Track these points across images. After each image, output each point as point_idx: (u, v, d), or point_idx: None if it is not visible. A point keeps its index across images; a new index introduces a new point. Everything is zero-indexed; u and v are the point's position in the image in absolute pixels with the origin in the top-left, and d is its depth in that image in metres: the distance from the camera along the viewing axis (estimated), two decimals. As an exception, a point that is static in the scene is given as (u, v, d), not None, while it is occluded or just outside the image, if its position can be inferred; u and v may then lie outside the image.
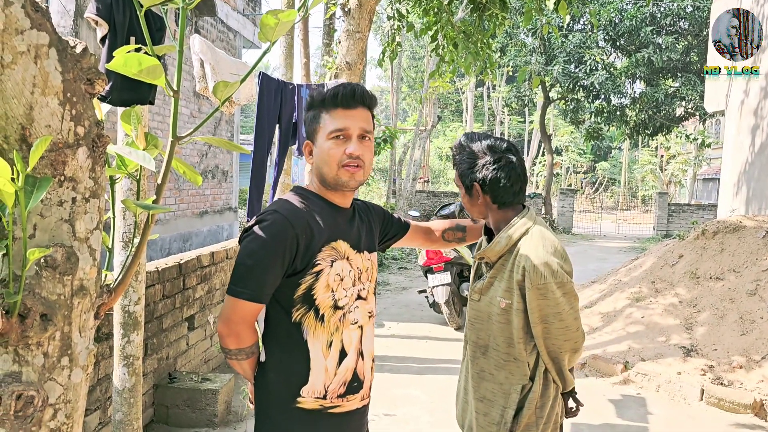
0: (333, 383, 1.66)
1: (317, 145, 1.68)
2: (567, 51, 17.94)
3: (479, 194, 1.97)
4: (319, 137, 1.67)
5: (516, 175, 1.95)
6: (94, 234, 1.11)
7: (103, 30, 2.28)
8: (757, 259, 5.90)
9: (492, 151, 1.95)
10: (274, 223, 1.59)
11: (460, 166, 2.00)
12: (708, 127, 27.86)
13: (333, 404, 1.66)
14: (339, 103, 1.64)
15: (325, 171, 1.67)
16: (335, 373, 1.66)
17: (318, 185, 1.73)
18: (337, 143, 1.63)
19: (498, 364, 1.95)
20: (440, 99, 23.31)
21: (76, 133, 1.05)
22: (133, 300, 2.88)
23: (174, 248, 8.58)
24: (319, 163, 1.67)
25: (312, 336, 1.63)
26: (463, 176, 1.99)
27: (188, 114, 8.92)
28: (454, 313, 6.54)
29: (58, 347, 1.04)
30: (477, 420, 2.01)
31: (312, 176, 1.76)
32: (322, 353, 1.64)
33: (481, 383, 2.01)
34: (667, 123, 18.88)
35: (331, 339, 1.65)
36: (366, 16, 4.80)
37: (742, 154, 8.21)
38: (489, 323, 1.98)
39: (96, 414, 3.23)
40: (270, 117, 3.95)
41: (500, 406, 1.94)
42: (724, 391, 4.56)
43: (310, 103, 1.72)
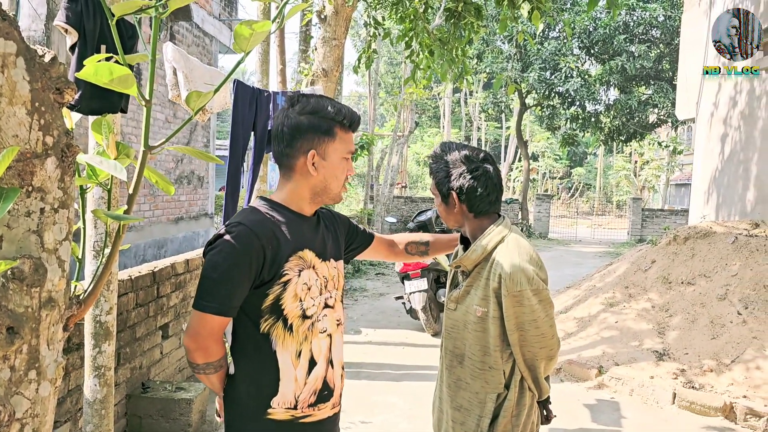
0: (303, 393, 1.65)
1: (329, 160, 1.68)
2: (543, 58, 18.17)
3: (456, 203, 1.99)
4: (333, 154, 1.68)
5: (492, 185, 1.97)
6: (63, 245, 1.10)
7: (73, 38, 2.25)
8: (727, 264, 6.02)
9: (469, 160, 1.98)
10: (239, 235, 1.57)
11: (437, 175, 2.02)
12: (680, 134, 28.40)
13: (304, 414, 1.65)
14: (352, 127, 1.72)
15: (332, 186, 1.71)
16: (305, 382, 1.65)
17: (299, 197, 1.71)
18: (346, 163, 1.72)
19: (474, 373, 1.96)
20: (418, 105, 23.42)
21: (44, 143, 1.04)
22: (105, 310, 2.84)
23: (149, 255, 8.48)
24: (328, 177, 1.69)
25: (281, 346, 1.63)
26: (440, 185, 2.01)
27: (163, 119, 8.84)
28: (431, 320, 6.55)
29: (26, 360, 1.03)
30: (453, 429, 2.01)
31: (290, 186, 1.71)
32: (291, 363, 1.63)
33: (457, 392, 2.01)
34: (640, 130, 19.20)
35: (300, 348, 1.64)
36: (342, 23, 4.81)
37: (712, 162, 8.37)
38: (465, 332, 1.99)
39: (66, 426, 3.17)
40: (245, 125, 3.93)
41: (476, 415, 1.95)
42: (696, 394, 4.64)
43: (319, 111, 1.66)
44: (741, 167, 7.60)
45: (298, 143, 1.65)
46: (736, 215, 7.57)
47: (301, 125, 1.65)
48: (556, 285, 9.22)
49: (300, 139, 1.65)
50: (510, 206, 20.43)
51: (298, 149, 1.66)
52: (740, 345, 5.04)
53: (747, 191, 7.40)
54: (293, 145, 1.66)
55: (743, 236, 6.34)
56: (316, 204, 1.74)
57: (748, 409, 4.41)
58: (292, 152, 1.67)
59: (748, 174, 7.44)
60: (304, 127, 1.65)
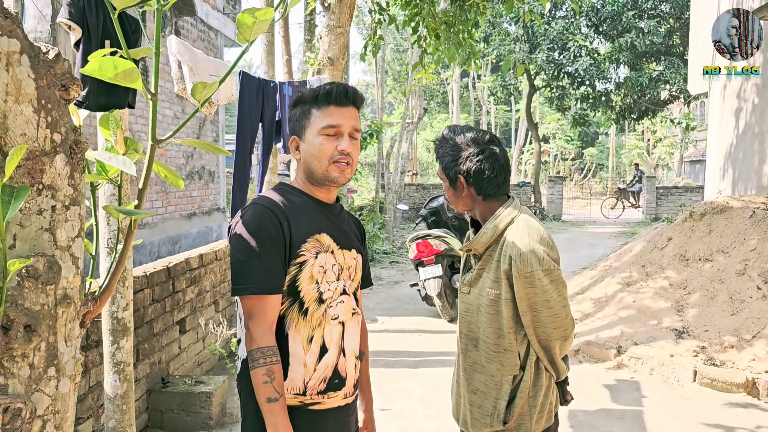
0: (312, 379, 1.64)
1: (306, 141, 1.68)
2: (550, 38, 17.96)
3: (464, 187, 1.98)
4: (309, 133, 1.67)
5: (499, 166, 1.96)
6: (76, 242, 1.10)
7: (77, 34, 2.25)
8: (745, 239, 5.95)
9: (475, 143, 1.97)
10: (255, 213, 1.61)
11: (443, 159, 2.01)
12: (693, 110, 28.04)
13: (313, 401, 1.64)
14: (332, 101, 1.66)
15: (314, 166, 1.67)
16: (314, 369, 1.64)
17: (303, 181, 1.74)
18: (328, 139, 1.65)
19: (489, 356, 1.95)
20: (426, 91, 23.34)
21: (52, 140, 1.04)
22: (121, 306, 2.86)
23: (163, 251, 8.54)
24: (308, 158, 1.68)
25: (293, 330, 1.63)
26: (447, 169, 2.00)
27: (172, 115, 8.86)
28: (446, 305, 6.55)
29: (44, 358, 1.03)
30: (471, 412, 2.01)
31: (298, 172, 1.75)
32: (302, 348, 1.63)
33: (473, 375, 2.01)
34: (652, 107, 18.97)
35: (312, 334, 1.64)
36: (346, 10, 4.78)
37: (727, 136, 8.26)
38: (479, 315, 1.98)
39: (89, 422, 3.21)
40: (252, 116, 3.92)
41: (493, 398, 1.94)
42: (717, 371, 4.61)
43: (299, 100, 1.71)
44: (756, 140, 7.49)
45: (292, 134, 1.75)
46: (753, 189, 7.48)
47: (291, 116, 1.75)
48: (572, 267, 9.17)
49: (292, 130, 1.75)
50: (522, 190, 20.32)
51: (291, 139, 1.75)
52: (761, 320, 4.99)
53: (764, 164, 7.30)
54: (291, 136, 1.76)
55: (761, 210, 6.26)
56: (320, 187, 1.72)
57: (771, 385, 4.38)
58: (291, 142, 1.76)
59: (764, 147, 7.33)
60: (292, 117, 1.74)
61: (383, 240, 12.11)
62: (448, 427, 3.97)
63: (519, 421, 1.92)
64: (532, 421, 1.91)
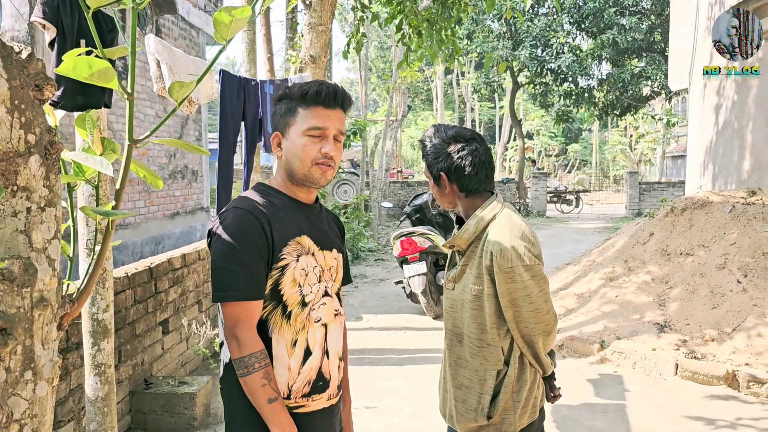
0: (297, 383, 1.63)
1: (289, 139, 1.65)
2: (533, 35, 18.05)
3: (446, 183, 2.00)
4: (293, 131, 1.64)
5: (480, 163, 1.97)
6: (53, 243, 1.09)
7: (51, 33, 2.22)
8: (725, 234, 6.02)
9: (456, 140, 1.99)
10: (237, 218, 1.58)
11: (427, 158, 2.04)
12: (674, 105, 28.32)
13: (298, 404, 1.64)
14: (321, 102, 1.63)
15: (296, 166, 1.64)
16: (299, 372, 1.63)
17: (283, 180, 1.71)
18: (312, 141, 1.62)
19: (473, 351, 1.97)
20: (410, 88, 23.30)
21: (26, 141, 1.02)
22: (102, 307, 2.83)
23: (146, 251, 8.47)
24: (290, 157, 1.65)
25: (277, 334, 1.61)
26: (431, 167, 2.03)
27: (153, 114, 8.78)
28: (431, 303, 6.57)
29: (21, 361, 1.02)
30: (456, 407, 2.02)
31: (278, 171, 1.73)
32: (286, 352, 1.62)
33: (458, 371, 2.02)
34: (634, 103, 19.15)
35: (296, 337, 1.63)
36: (328, 8, 4.77)
37: (707, 132, 8.36)
38: (463, 311, 2.00)
39: (70, 425, 3.17)
40: (234, 115, 3.90)
41: (477, 393, 1.96)
42: (698, 364, 4.67)
43: (286, 95, 1.68)
44: (735, 136, 7.59)
45: (274, 129, 1.72)
46: (733, 184, 7.57)
47: (275, 112, 1.71)
48: (556, 262, 9.23)
49: (276, 126, 1.71)
50: (507, 186, 20.41)
51: (274, 135, 1.72)
52: (741, 313, 5.06)
53: (742, 160, 7.40)
54: (273, 132, 1.72)
55: (740, 204, 6.34)
56: (301, 187, 1.70)
57: (751, 377, 4.44)
58: (273, 140, 1.73)
59: (743, 142, 7.43)
60: (276, 113, 1.71)
61: (368, 238, 12.11)
62: (434, 424, 3.99)
63: (503, 415, 1.93)
64: (516, 415, 1.93)
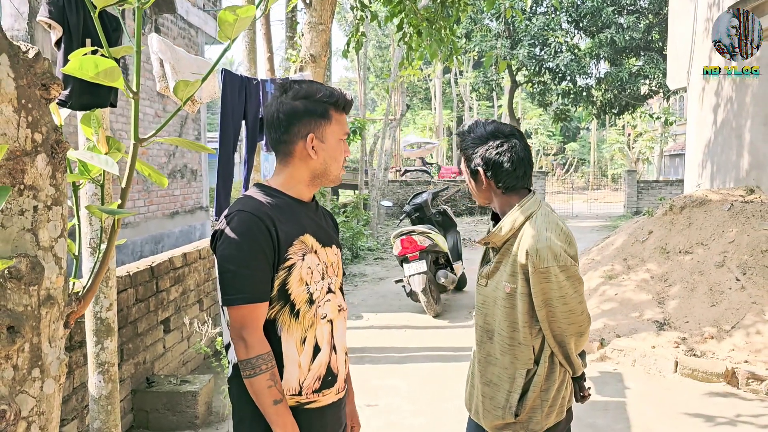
0: (308, 379, 1.66)
1: (327, 143, 1.69)
2: (531, 34, 18.05)
3: (484, 179, 1.97)
4: (330, 135, 1.69)
5: (519, 159, 1.95)
6: (59, 242, 1.09)
7: (57, 33, 2.22)
8: (724, 232, 6.04)
9: (495, 136, 1.96)
10: (242, 221, 1.59)
11: (465, 152, 2.02)
12: (672, 104, 28.36)
13: (309, 400, 1.66)
14: (345, 109, 1.73)
15: (332, 168, 1.71)
16: (309, 368, 1.66)
17: (296, 180, 1.71)
18: (343, 144, 1.73)
19: (503, 349, 1.96)
20: (408, 87, 23.33)
21: (33, 140, 1.03)
22: (105, 306, 2.84)
23: (146, 251, 8.47)
24: (328, 159, 1.70)
25: (286, 332, 1.63)
26: (468, 161, 2.01)
27: (153, 114, 8.78)
28: (431, 301, 6.57)
29: (28, 359, 1.03)
30: (483, 404, 2.01)
31: (288, 171, 1.71)
32: (295, 349, 1.64)
33: (487, 367, 2.01)
34: (632, 102, 19.17)
35: (305, 335, 1.65)
36: (328, 7, 4.77)
37: (706, 130, 8.37)
38: (495, 308, 1.98)
39: (73, 423, 3.18)
40: (235, 114, 3.90)
41: (505, 390, 1.95)
42: (697, 361, 4.68)
43: (309, 94, 1.67)
44: (734, 134, 7.60)
45: (296, 128, 1.67)
46: (731, 182, 7.59)
47: (297, 110, 1.66)
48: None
49: (297, 124, 1.67)
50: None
51: (296, 134, 1.67)
52: (739, 311, 5.07)
53: (741, 158, 7.41)
54: (290, 130, 1.67)
55: (739, 203, 6.35)
56: (315, 187, 1.75)
57: (750, 374, 4.46)
58: (290, 138, 1.67)
59: (741, 141, 7.44)
60: (300, 111, 1.66)
61: (367, 237, 12.11)
62: (434, 422, 4.00)
63: (530, 414, 1.93)
64: (543, 414, 1.93)
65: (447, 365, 5.09)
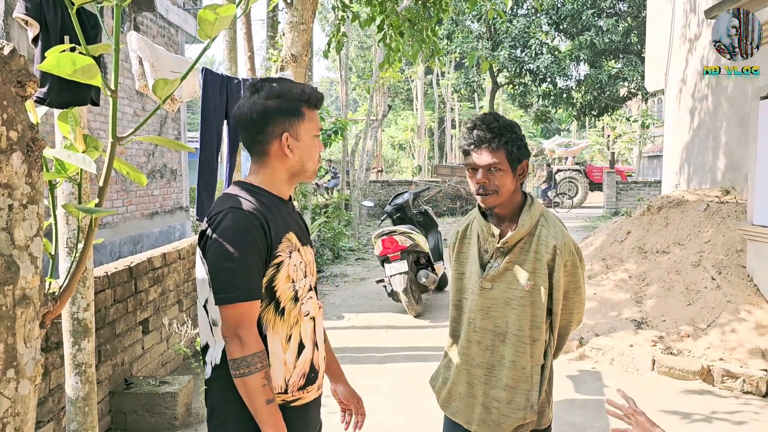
0: (293, 376, 1.66)
1: (302, 141, 1.69)
2: (512, 36, 18.20)
3: (525, 173, 1.95)
4: (304, 133, 1.69)
5: None
6: (35, 241, 1.08)
7: (34, 30, 2.19)
8: (700, 232, 6.13)
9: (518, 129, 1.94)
10: (237, 218, 1.58)
11: (514, 143, 1.89)
12: (651, 106, 28.69)
13: (295, 397, 1.67)
14: (317, 105, 1.73)
15: (309, 165, 1.72)
16: (294, 366, 1.66)
17: (277, 178, 1.71)
18: (317, 140, 1.74)
19: (520, 349, 1.93)
20: (390, 88, 23.35)
21: (8, 137, 1.02)
22: (82, 306, 2.80)
23: (125, 251, 8.38)
24: (305, 157, 1.70)
25: (271, 330, 1.63)
26: (515, 154, 1.90)
27: (132, 112, 8.69)
28: (412, 301, 6.58)
29: (3, 359, 1.01)
30: (499, 409, 1.94)
31: (266, 171, 1.70)
32: (281, 347, 1.64)
33: (502, 372, 1.96)
34: (611, 103, 19.40)
35: (290, 332, 1.66)
36: (309, 7, 4.76)
37: (683, 132, 8.49)
38: (507, 309, 1.94)
39: (50, 425, 3.14)
40: (216, 113, 3.88)
41: (525, 390, 1.93)
42: (674, 360, 4.75)
43: (282, 93, 1.65)
44: (710, 136, 7.72)
45: (270, 128, 1.66)
46: (707, 183, 7.70)
47: (270, 110, 1.65)
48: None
49: (271, 124, 1.66)
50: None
51: (270, 134, 1.66)
52: (715, 309, 5.15)
53: (717, 159, 7.53)
54: (264, 130, 1.66)
55: (714, 203, 6.46)
56: (292, 184, 1.76)
57: (725, 371, 4.53)
58: (265, 138, 1.67)
59: (717, 142, 7.56)
60: (273, 111, 1.65)
61: (348, 237, 12.10)
62: (416, 422, 4.01)
63: (541, 408, 1.95)
64: (550, 405, 1.98)
65: (428, 365, 5.10)
